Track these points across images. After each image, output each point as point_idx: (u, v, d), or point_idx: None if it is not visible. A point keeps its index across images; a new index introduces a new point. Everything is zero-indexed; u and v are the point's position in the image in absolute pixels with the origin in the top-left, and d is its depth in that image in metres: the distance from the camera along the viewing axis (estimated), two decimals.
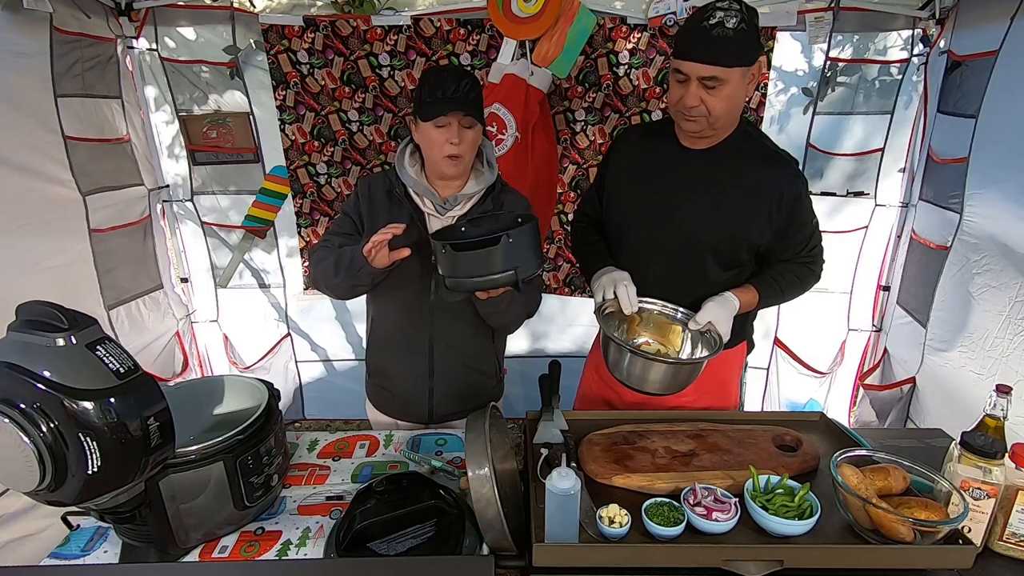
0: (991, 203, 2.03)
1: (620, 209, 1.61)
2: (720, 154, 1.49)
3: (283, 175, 2.79)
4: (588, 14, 2.40)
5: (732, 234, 1.51)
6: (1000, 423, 1.17)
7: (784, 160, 1.52)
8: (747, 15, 1.33)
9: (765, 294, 1.56)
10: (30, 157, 2.07)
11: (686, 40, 1.38)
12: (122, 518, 1.08)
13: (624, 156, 1.63)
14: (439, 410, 1.72)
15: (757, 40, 1.39)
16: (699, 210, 1.50)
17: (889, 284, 2.83)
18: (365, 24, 2.49)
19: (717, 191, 1.49)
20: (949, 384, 2.21)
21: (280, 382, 3.05)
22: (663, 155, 1.55)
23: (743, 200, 1.48)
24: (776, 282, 1.57)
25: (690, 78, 1.36)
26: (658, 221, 1.54)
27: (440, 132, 1.45)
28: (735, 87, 1.37)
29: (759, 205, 1.48)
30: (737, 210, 1.48)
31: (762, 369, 3.07)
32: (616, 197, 1.62)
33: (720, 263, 1.54)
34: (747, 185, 1.48)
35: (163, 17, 2.54)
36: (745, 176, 1.48)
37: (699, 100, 1.37)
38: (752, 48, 1.37)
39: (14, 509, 1.82)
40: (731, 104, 1.40)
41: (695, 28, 1.35)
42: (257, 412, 1.26)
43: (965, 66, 2.24)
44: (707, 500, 1.16)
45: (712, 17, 1.32)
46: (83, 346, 0.91)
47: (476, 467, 1.10)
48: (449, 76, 1.46)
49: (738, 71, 1.35)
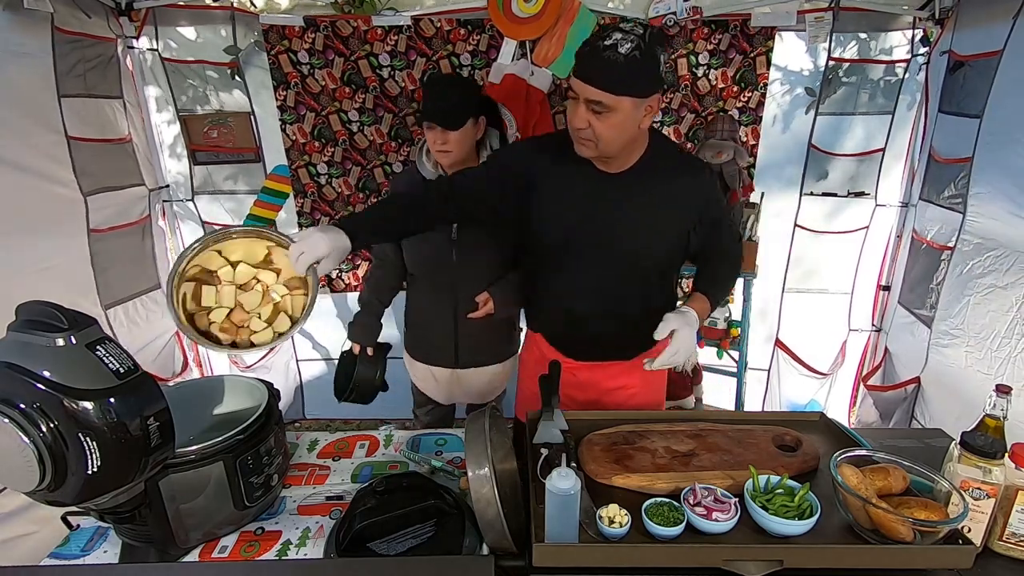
0: (996, 203, 2.03)
1: (554, 234, 1.53)
2: (639, 174, 1.45)
3: (285, 174, 2.79)
4: (588, 14, 2.40)
5: (670, 250, 1.55)
6: (1000, 423, 1.17)
7: (695, 165, 1.55)
8: (647, 43, 1.24)
9: (715, 297, 1.59)
10: (33, 157, 2.07)
11: (580, 57, 1.30)
12: (122, 518, 1.08)
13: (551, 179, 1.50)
14: (464, 356, 1.98)
15: (654, 71, 1.28)
16: (634, 233, 1.48)
17: (889, 284, 2.84)
18: (365, 24, 2.49)
19: (647, 212, 1.47)
20: (955, 384, 2.20)
21: (280, 382, 3.05)
22: (586, 181, 1.47)
23: (671, 215, 1.49)
24: (721, 281, 1.64)
25: (580, 98, 1.30)
26: (595, 246, 1.50)
27: (430, 133, 1.73)
28: (625, 116, 1.29)
29: (685, 215, 1.50)
30: (668, 226, 1.50)
31: (763, 370, 3.07)
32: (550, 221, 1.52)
33: (658, 276, 1.60)
34: (671, 199, 1.47)
35: (163, 17, 2.54)
36: (668, 190, 1.46)
37: (587, 123, 1.30)
38: (645, 79, 1.28)
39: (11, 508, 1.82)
40: (620, 133, 1.33)
41: (591, 47, 1.26)
42: (257, 412, 1.26)
43: (968, 66, 2.24)
44: (707, 500, 1.16)
45: (608, 38, 1.23)
46: (83, 346, 0.91)
47: (476, 467, 1.10)
48: (435, 86, 1.84)
49: (628, 100, 1.27)
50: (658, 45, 1.26)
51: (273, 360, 3.06)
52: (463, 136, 1.72)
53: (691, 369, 2.64)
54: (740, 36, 2.49)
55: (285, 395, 2.07)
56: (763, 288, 2.85)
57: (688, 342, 1.46)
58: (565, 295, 1.61)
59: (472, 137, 1.76)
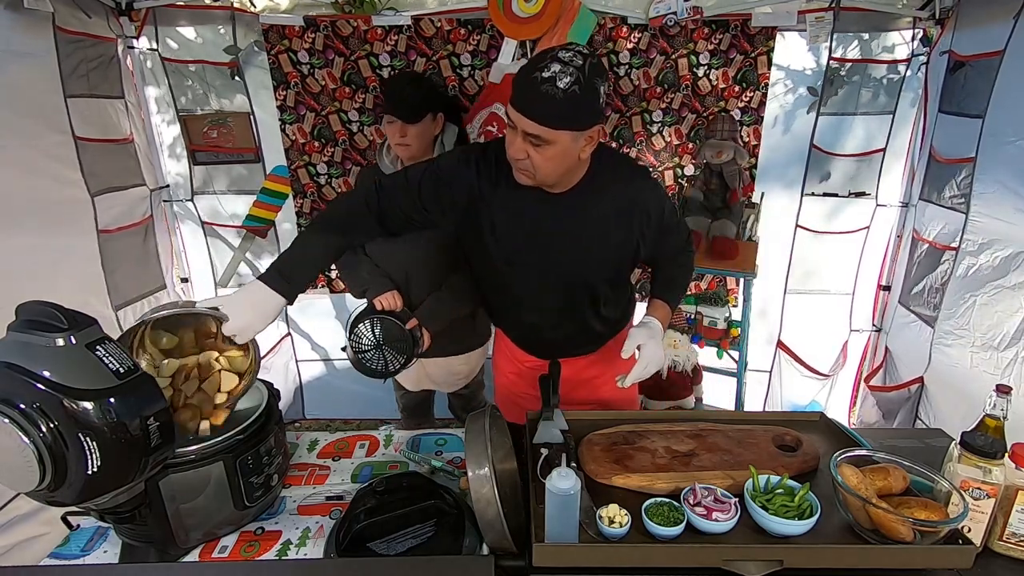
0: (1001, 203, 2.03)
1: (499, 254, 1.49)
2: (582, 194, 1.40)
3: (284, 175, 2.79)
4: (588, 14, 2.40)
5: (618, 263, 1.55)
6: (1000, 423, 1.17)
7: (638, 172, 1.51)
8: (586, 76, 1.17)
9: (674, 301, 1.61)
10: (42, 158, 2.08)
11: (516, 86, 1.23)
12: (122, 518, 1.08)
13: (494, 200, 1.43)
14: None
15: (594, 104, 1.22)
16: (579, 252, 1.47)
17: (890, 284, 2.83)
18: (365, 24, 2.49)
19: (592, 229, 1.44)
20: (960, 384, 2.20)
21: (280, 382, 3.05)
22: (530, 203, 1.41)
23: (618, 230, 1.46)
24: (677, 285, 1.64)
25: (517, 127, 1.24)
26: (541, 265, 1.48)
27: (389, 127, 1.81)
28: (563, 148, 1.24)
29: (633, 227, 1.46)
30: (615, 240, 1.47)
31: (764, 372, 3.06)
32: (496, 242, 1.47)
33: (608, 286, 1.58)
34: (617, 213, 1.44)
35: (163, 17, 2.54)
36: (613, 205, 1.43)
37: (524, 153, 1.25)
38: (585, 113, 1.22)
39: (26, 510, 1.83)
40: (558, 164, 1.29)
41: (527, 77, 1.20)
42: (257, 412, 1.26)
43: (969, 66, 2.24)
44: (707, 500, 1.16)
45: (546, 70, 1.17)
46: (83, 346, 0.91)
47: (476, 467, 1.10)
48: (397, 82, 1.96)
49: (566, 134, 1.22)
50: (597, 77, 1.20)
51: (272, 361, 3.06)
52: (421, 130, 1.81)
53: (691, 369, 2.64)
54: (741, 36, 2.49)
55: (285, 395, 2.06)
56: (764, 288, 2.84)
57: (656, 353, 1.47)
58: (515, 307, 1.62)
59: (430, 132, 1.85)
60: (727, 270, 2.53)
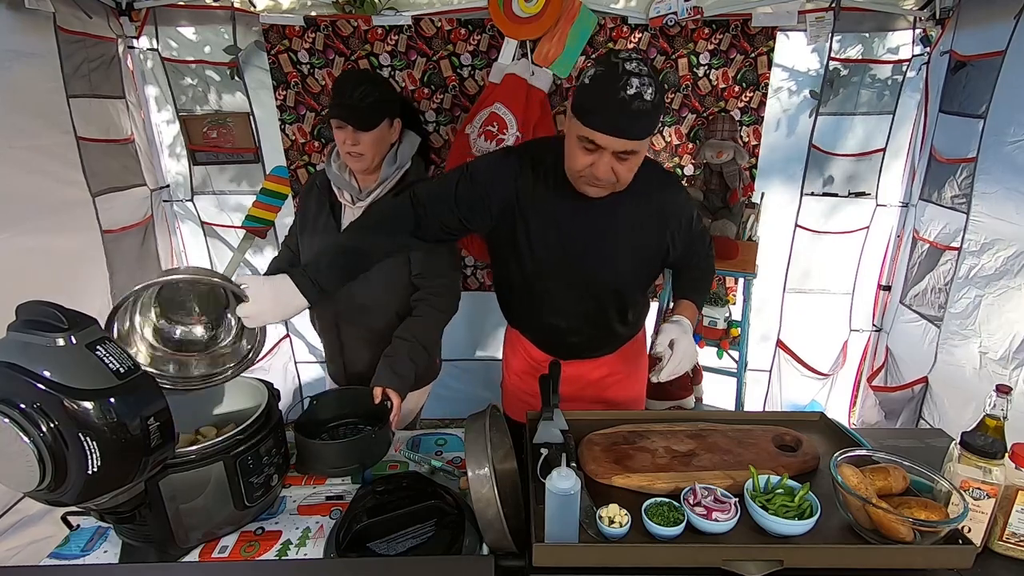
0: (1004, 203, 2.03)
1: (534, 259, 1.49)
2: (620, 197, 1.40)
3: (284, 175, 2.77)
4: (589, 14, 2.40)
5: (650, 269, 1.59)
6: (1000, 423, 1.17)
7: (672, 182, 1.54)
8: (656, 77, 1.21)
9: (700, 301, 1.67)
10: (45, 158, 2.08)
11: (603, 111, 1.21)
12: (122, 518, 1.08)
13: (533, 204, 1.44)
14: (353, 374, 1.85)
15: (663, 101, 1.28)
16: (614, 257, 1.48)
17: (890, 284, 2.83)
18: (366, 24, 2.49)
19: (626, 234, 1.46)
20: (965, 384, 2.20)
21: (280, 382, 3.06)
22: (568, 207, 1.42)
23: (651, 235, 1.50)
24: (703, 287, 1.71)
25: (602, 149, 1.24)
26: (576, 271, 1.49)
27: (339, 133, 1.59)
28: (644, 151, 1.30)
29: (665, 232, 1.51)
30: (649, 245, 1.51)
31: (764, 372, 3.06)
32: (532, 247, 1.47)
33: (639, 291, 1.64)
34: (651, 218, 1.47)
35: (163, 17, 2.54)
36: (648, 210, 1.46)
37: (611, 171, 1.27)
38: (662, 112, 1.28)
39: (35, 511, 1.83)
40: (637, 167, 1.32)
41: (612, 99, 1.18)
42: (257, 412, 1.26)
43: (970, 66, 2.24)
44: (707, 500, 1.16)
45: (629, 87, 1.16)
46: (83, 346, 0.91)
47: (476, 467, 1.10)
48: (347, 82, 1.61)
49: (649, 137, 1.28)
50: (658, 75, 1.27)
51: (272, 361, 3.06)
52: (376, 138, 1.59)
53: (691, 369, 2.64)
54: (741, 36, 2.49)
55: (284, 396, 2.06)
56: (763, 288, 2.84)
57: (689, 348, 1.50)
58: (540, 310, 1.62)
59: (387, 140, 1.64)
60: (727, 270, 2.54)
